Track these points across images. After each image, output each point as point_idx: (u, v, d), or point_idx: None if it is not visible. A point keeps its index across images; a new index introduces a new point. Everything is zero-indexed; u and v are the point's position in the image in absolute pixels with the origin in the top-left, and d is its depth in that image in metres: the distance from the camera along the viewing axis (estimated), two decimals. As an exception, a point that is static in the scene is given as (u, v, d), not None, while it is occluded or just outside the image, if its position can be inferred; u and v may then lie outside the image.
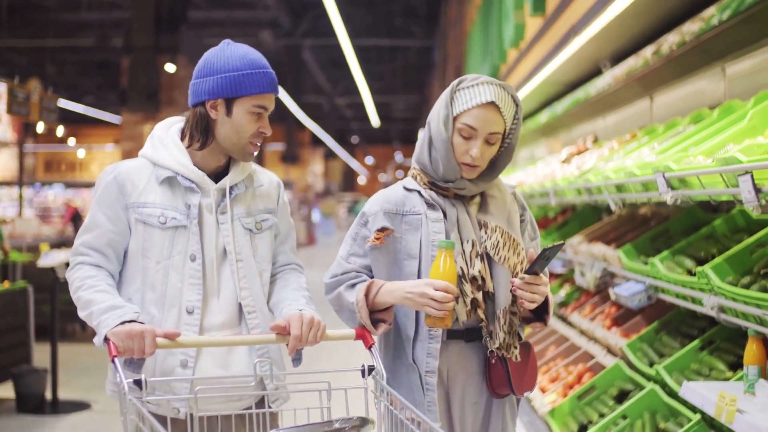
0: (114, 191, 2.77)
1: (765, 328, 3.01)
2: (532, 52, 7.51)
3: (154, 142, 2.85)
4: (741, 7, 3.80)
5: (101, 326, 2.55)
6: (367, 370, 2.53)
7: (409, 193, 2.81)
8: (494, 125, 2.67)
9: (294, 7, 25.32)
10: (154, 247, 2.75)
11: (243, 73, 2.73)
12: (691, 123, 4.54)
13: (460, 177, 2.72)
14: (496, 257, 2.69)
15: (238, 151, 2.81)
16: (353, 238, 2.83)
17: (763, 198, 2.69)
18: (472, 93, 2.68)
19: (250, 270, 2.84)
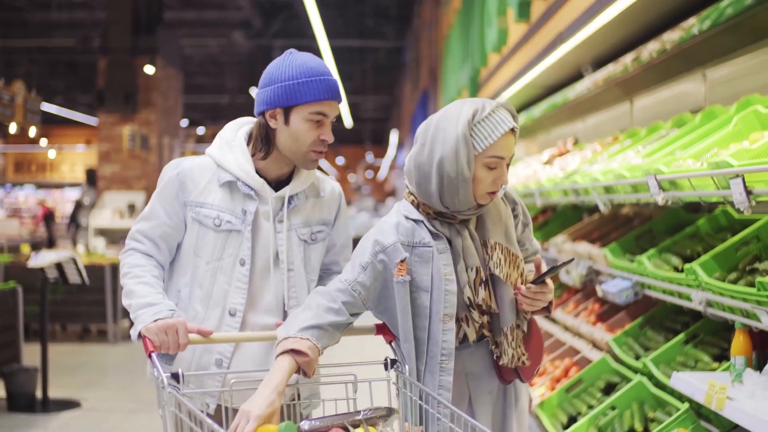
0: (175, 187, 2.86)
1: (751, 321, 3.20)
2: (515, 57, 7.68)
3: (222, 143, 2.92)
4: (721, 18, 3.98)
5: (137, 322, 2.68)
6: (390, 363, 2.67)
7: (415, 224, 2.73)
8: (513, 148, 2.68)
9: (265, 9, 25.37)
10: (206, 247, 2.83)
11: (299, 82, 2.75)
12: (673, 127, 4.72)
13: (475, 206, 2.70)
14: (500, 275, 2.70)
15: (299, 159, 2.84)
16: (363, 267, 2.70)
17: (754, 199, 2.89)
18: (493, 124, 2.62)
19: (300, 280, 2.91)
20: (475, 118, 2.62)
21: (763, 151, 3.05)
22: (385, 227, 2.75)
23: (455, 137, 2.60)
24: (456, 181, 2.61)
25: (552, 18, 6.03)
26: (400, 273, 2.66)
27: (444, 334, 2.67)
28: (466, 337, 2.75)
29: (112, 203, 14.94)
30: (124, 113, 15.45)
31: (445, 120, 2.65)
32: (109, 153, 15.66)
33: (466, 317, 2.72)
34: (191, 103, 28.10)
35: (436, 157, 2.63)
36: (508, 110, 2.68)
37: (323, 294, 2.70)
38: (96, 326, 11.65)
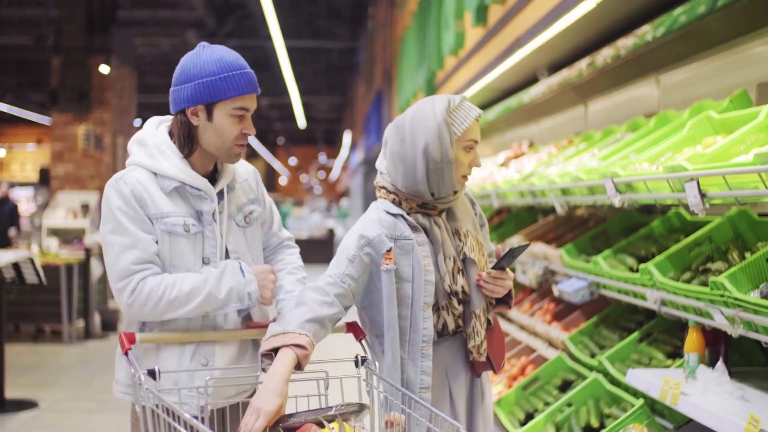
0: (135, 204, 2.74)
1: (704, 319, 3.32)
2: (472, 61, 7.77)
3: (151, 150, 2.81)
4: (674, 26, 4.10)
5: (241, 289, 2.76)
6: (360, 360, 2.74)
7: (394, 218, 2.87)
8: (479, 133, 2.92)
9: (219, 8, 25.28)
10: (182, 256, 2.78)
11: (220, 77, 2.72)
12: (628, 131, 4.84)
13: (454, 192, 2.89)
14: (475, 258, 2.90)
15: (224, 154, 2.81)
16: (350, 260, 2.82)
17: (708, 202, 3.01)
18: (465, 111, 2.86)
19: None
20: (450, 105, 2.85)
21: (716, 156, 3.17)
22: (368, 222, 2.88)
23: (436, 124, 2.80)
24: (441, 165, 2.80)
25: (510, 23, 6.13)
26: (387, 262, 2.79)
27: (424, 322, 2.81)
28: (446, 326, 2.87)
29: (66, 203, 14.85)
30: (78, 113, 15.35)
31: (421, 112, 2.85)
32: (62, 152, 15.54)
33: (446, 305, 2.86)
34: (145, 103, 27.88)
35: (421, 144, 2.81)
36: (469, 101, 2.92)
37: (314, 289, 2.80)
38: (50, 326, 11.58)
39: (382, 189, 2.97)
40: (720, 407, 3.05)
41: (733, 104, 3.75)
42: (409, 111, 2.93)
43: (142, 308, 2.71)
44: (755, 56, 4.04)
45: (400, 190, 2.89)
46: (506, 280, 2.91)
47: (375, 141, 18.51)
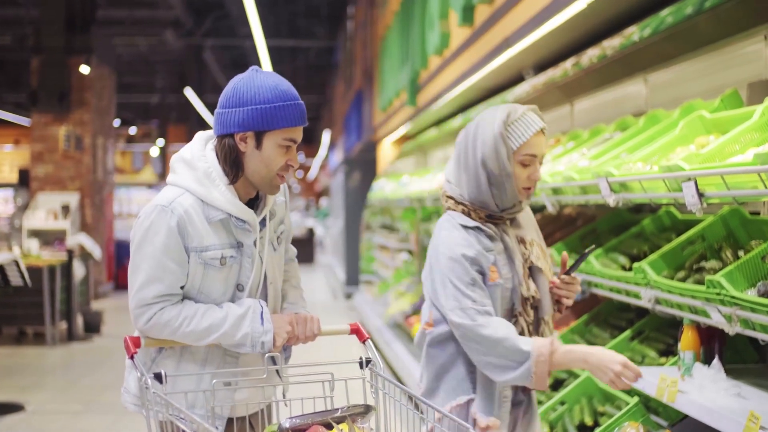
0: (176, 236, 2.68)
1: (700, 317, 3.35)
2: (457, 61, 7.78)
3: (199, 175, 2.73)
4: (661, 27, 4.12)
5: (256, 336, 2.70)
6: (364, 362, 2.76)
7: (473, 230, 2.88)
8: (544, 147, 2.91)
9: (196, 7, 25.21)
10: (212, 286, 2.75)
11: (275, 106, 2.66)
12: (617, 130, 4.85)
13: (519, 202, 2.91)
14: (542, 266, 2.95)
15: (266, 184, 2.76)
16: (471, 284, 2.82)
17: (705, 201, 3.04)
18: (525, 124, 2.85)
19: (276, 291, 2.93)
20: (509, 118, 2.85)
21: (712, 156, 3.20)
22: (459, 240, 2.87)
23: (493, 136, 2.83)
24: (501, 178, 2.84)
25: (497, 23, 6.13)
26: (495, 277, 2.85)
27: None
28: (522, 333, 2.88)
29: (46, 204, 14.78)
30: (58, 113, 15.27)
31: (483, 122, 2.88)
32: (42, 153, 15.46)
33: (521, 312, 2.90)
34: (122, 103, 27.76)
35: (479, 157, 2.86)
36: (537, 113, 2.90)
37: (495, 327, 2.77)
38: (33, 329, 11.51)
39: (449, 199, 2.97)
40: (719, 404, 3.09)
41: (725, 104, 3.78)
42: (477, 118, 2.95)
43: (157, 335, 2.71)
44: (743, 56, 4.07)
45: (466, 200, 2.91)
46: (576, 285, 3.03)
47: (355, 140, 18.51)
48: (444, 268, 2.84)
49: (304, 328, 2.83)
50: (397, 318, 10.09)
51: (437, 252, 2.89)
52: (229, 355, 2.81)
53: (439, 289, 2.86)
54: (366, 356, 2.77)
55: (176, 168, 2.79)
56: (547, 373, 2.71)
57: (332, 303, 16.03)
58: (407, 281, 11.15)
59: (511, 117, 2.86)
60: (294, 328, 2.80)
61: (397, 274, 11.99)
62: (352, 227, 17.20)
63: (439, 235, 2.93)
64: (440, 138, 10.86)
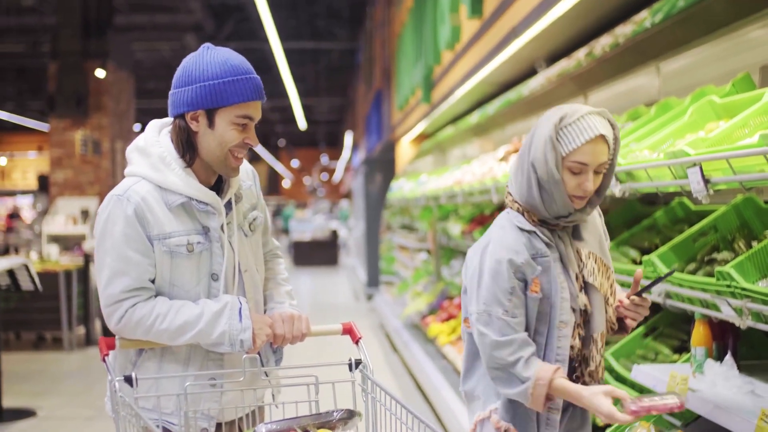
0: (137, 225, 2.57)
1: (711, 311, 3.20)
2: (468, 54, 7.68)
3: (154, 161, 2.63)
4: (673, 11, 3.99)
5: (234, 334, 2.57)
6: (354, 363, 2.60)
7: (529, 234, 2.73)
8: (603, 157, 2.65)
9: (217, 11, 25.23)
10: (183, 276, 2.63)
11: (224, 81, 2.56)
12: (628, 120, 4.72)
13: (573, 210, 2.71)
14: (594, 283, 2.75)
15: (221, 164, 2.64)
16: (510, 292, 2.68)
17: (712, 188, 2.88)
18: (578, 129, 2.63)
19: (252, 278, 2.79)
20: (563, 122, 2.65)
21: (719, 140, 3.05)
22: (509, 242, 2.71)
23: (543, 140, 2.65)
24: (548, 184, 2.65)
25: (505, 13, 6.03)
26: (535, 289, 2.68)
27: (560, 341, 2.70)
28: (573, 347, 2.74)
29: (65, 209, 14.76)
30: (76, 118, 15.24)
31: (540, 123, 2.71)
32: (61, 159, 15.44)
33: (579, 324, 2.75)
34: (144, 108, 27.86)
35: (530, 159, 2.68)
36: (604, 117, 2.68)
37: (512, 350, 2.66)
38: (51, 334, 11.46)
39: (509, 195, 2.83)
40: (729, 402, 2.95)
41: (736, 88, 3.63)
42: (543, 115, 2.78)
43: (131, 334, 2.60)
44: (756, 39, 3.93)
45: (519, 200, 2.76)
46: (645, 307, 2.83)
47: (376, 141, 18.44)
48: (487, 268, 2.71)
49: (291, 328, 2.69)
50: (414, 318, 9.98)
51: (486, 249, 2.74)
52: (212, 353, 2.68)
53: (473, 287, 2.75)
54: (356, 358, 2.62)
55: (131, 158, 2.70)
56: (544, 396, 2.60)
57: (354, 304, 15.92)
58: (424, 281, 11.05)
59: (566, 120, 2.65)
60: (278, 328, 2.67)
61: (416, 274, 11.90)
62: (372, 228, 17.10)
63: (492, 232, 2.78)
64: (457, 135, 10.74)
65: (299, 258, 27.04)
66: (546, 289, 2.70)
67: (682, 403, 2.49)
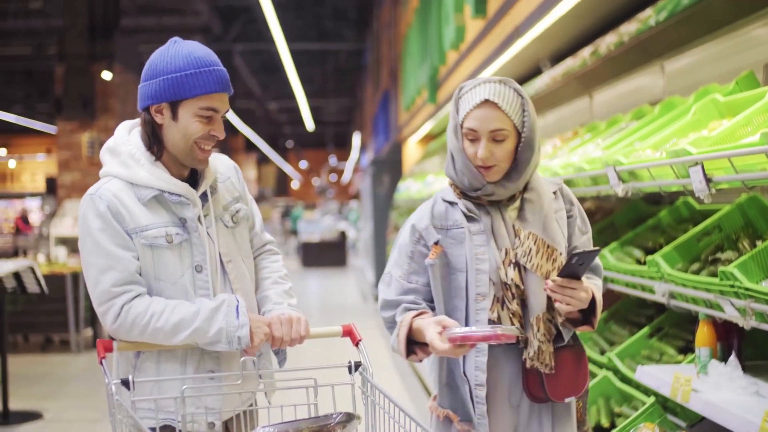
0: (112, 220, 2.58)
1: (715, 312, 3.17)
2: (473, 54, 7.65)
3: (124, 158, 2.65)
4: (677, 9, 3.96)
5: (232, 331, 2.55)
6: (354, 366, 2.57)
7: (450, 206, 2.75)
8: (494, 122, 2.61)
9: (224, 13, 25.25)
10: (167, 268, 2.63)
11: (186, 73, 2.57)
12: (632, 119, 4.69)
13: (485, 183, 2.67)
14: (528, 265, 2.64)
15: (187, 157, 2.64)
16: (409, 257, 2.76)
17: (714, 187, 2.85)
18: (470, 96, 2.64)
19: (239, 269, 2.77)
20: (461, 92, 2.69)
21: (721, 139, 3.02)
22: (421, 212, 2.80)
23: (450, 109, 2.73)
24: (455, 153, 2.68)
25: (508, 12, 6.01)
26: (432, 256, 2.69)
27: (478, 314, 2.67)
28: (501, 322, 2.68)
29: (73, 211, 14.75)
30: (83, 120, 15.24)
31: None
32: (68, 161, 15.43)
33: (502, 299, 2.67)
34: (152, 110, 27.92)
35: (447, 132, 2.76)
36: (503, 83, 2.66)
37: (391, 301, 2.77)
38: (58, 336, 11.47)
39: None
40: (733, 404, 2.91)
41: (740, 86, 3.59)
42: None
43: (127, 334, 2.58)
44: (760, 37, 3.89)
45: (446, 174, 2.78)
46: (578, 290, 2.59)
47: (383, 142, 18.42)
48: (400, 234, 2.85)
49: (290, 330, 2.67)
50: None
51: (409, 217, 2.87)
52: (207, 351, 2.67)
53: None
54: (356, 360, 2.59)
55: (103, 159, 2.71)
56: (405, 337, 2.67)
57: (361, 305, 15.88)
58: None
59: (463, 90, 2.68)
60: (276, 330, 2.65)
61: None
62: (380, 229, 17.06)
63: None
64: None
65: (308, 259, 27.04)
66: (458, 261, 2.69)
67: (502, 334, 2.41)
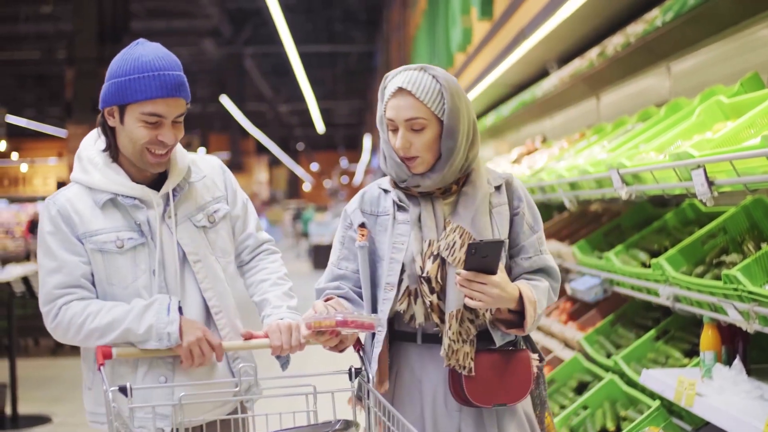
0: (62, 225, 2.61)
1: (719, 315, 3.15)
2: (480, 56, 7.64)
3: (84, 164, 2.67)
4: (683, 9, 3.93)
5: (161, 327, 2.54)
6: (354, 372, 2.52)
7: (384, 193, 2.70)
8: (409, 111, 2.52)
9: (235, 16, 25.31)
10: (119, 273, 2.63)
11: (131, 78, 2.55)
12: (639, 121, 4.68)
13: (410, 174, 2.59)
14: (450, 258, 2.53)
15: (138, 160, 2.62)
16: (341, 242, 2.73)
17: (716, 190, 2.83)
18: (390, 86, 2.58)
19: (210, 269, 2.75)
20: (386, 80, 2.61)
21: (724, 141, 3.00)
22: (354, 197, 2.78)
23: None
24: (383, 145, 2.62)
25: (514, 14, 5.99)
26: (360, 238, 2.64)
27: (383, 303, 2.59)
28: (414, 318, 2.59)
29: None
30: (93, 124, 15.11)
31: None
32: (80, 165, 15.49)
33: (416, 291, 2.58)
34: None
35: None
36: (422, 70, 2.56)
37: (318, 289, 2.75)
38: (68, 340, 11.46)
39: None
40: (737, 408, 2.89)
41: (745, 88, 3.57)
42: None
43: (64, 335, 2.61)
44: (766, 38, 3.86)
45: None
46: (488, 286, 2.43)
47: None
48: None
49: (289, 338, 2.63)
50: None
51: None
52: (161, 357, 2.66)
53: None
54: (356, 366, 2.55)
55: (73, 167, 2.73)
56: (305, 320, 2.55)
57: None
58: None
59: (386, 80, 2.61)
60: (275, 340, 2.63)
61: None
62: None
63: None
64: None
65: (318, 261, 26.95)
66: (381, 248, 2.64)
67: (353, 321, 2.37)
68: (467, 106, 2.60)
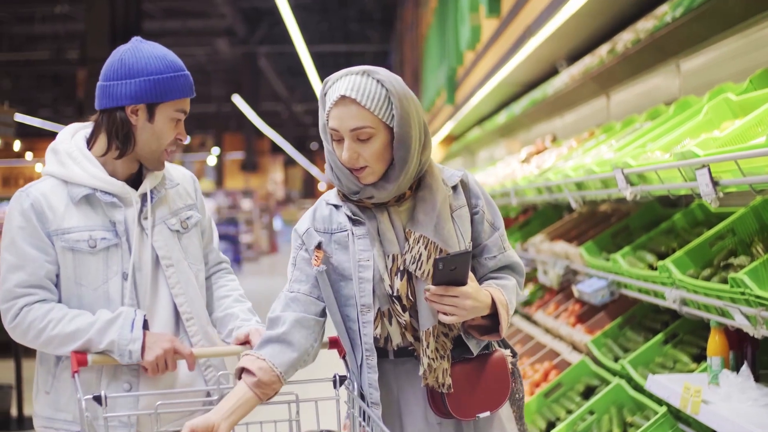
0: (33, 219, 2.55)
1: (727, 320, 3.05)
2: (488, 54, 7.57)
3: (61, 157, 2.63)
4: (693, 4, 3.84)
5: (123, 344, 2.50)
6: (338, 380, 2.46)
7: (334, 208, 2.48)
8: (353, 120, 2.31)
9: (249, 16, 25.27)
10: (89, 274, 2.58)
11: (167, 77, 2.58)
12: (647, 119, 4.59)
13: (361, 186, 2.39)
14: (417, 273, 2.37)
15: (154, 159, 2.65)
16: (293, 264, 2.51)
17: (721, 191, 2.73)
18: (331, 92, 2.35)
19: (183, 274, 2.71)
20: (326, 85, 2.38)
21: (731, 140, 2.89)
22: (304, 217, 2.55)
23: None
24: (329, 156, 2.40)
25: (521, 11, 5.92)
26: (315, 262, 2.42)
27: (364, 327, 2.39)
28: (389, 340, 2.44)
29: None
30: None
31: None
32: (91, 164, 15.50)
33: (389, 311, 2.41)
34: (177, 113, 28.01)
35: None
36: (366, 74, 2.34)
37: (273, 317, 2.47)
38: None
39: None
40: (744, 416, 2.79)
41: (754, 85, 3.46)
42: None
43: (23, 337, 2.56)
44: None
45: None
46: (460, 298, 2.30)
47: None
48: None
49: None
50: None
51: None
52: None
53: None
54: (341, 374, 2.48)
55: (45, 160, 2.69)
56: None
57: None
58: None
59: (327, 84, 2.38)
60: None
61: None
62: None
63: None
64: (485, 137, 10.62)
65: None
66: (344, 267, 2.41)
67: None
68: (417, 109, 2.40)
